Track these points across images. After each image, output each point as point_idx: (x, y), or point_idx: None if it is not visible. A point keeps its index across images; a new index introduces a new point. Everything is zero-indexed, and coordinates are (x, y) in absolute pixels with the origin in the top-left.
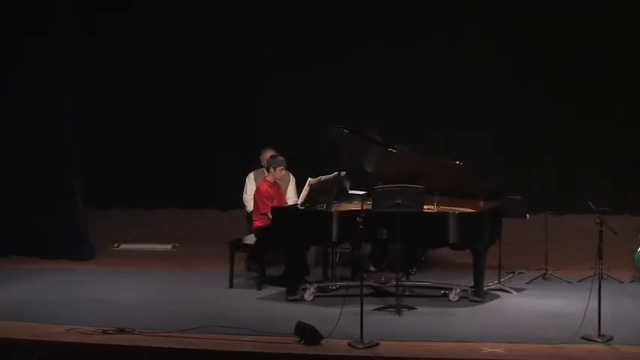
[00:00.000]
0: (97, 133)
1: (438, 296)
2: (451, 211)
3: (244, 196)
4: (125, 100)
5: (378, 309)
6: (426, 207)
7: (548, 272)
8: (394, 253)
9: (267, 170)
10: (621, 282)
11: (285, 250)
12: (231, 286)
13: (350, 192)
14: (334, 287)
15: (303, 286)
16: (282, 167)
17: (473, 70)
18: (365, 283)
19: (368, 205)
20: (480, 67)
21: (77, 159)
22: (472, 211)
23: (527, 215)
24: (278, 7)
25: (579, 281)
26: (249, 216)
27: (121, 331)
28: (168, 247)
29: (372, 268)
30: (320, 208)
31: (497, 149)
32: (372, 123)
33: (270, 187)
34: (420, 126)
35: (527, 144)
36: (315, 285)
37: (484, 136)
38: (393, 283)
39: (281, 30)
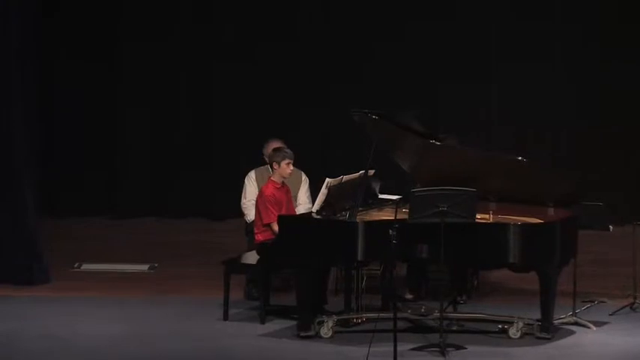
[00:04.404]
0: (58, 131)
1: (495, 332)
2: (512, 222)
3: (243, 201)
4: (93, 92)
5: (416, 348)
6: (478, 216)
7: (638, 301)
8: (437, 275)
9: (271, 167)
10: None
11: (296, 272)
12: (226, 318)
13: (380, 196)
14: (359, 320)
15: (319, 319)
16: (288, 161)
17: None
18: (399, 314)
19: (404, 213)
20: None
21: (30, 160)
22: (539, 221)
23: (611, 227)
24: None
25: None
26: (249, 227)
27: None
28: (145, 267)
29: (408, 296)
30: (341, 218)
31: (571, 144)
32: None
33: (276, 189)
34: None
35: (610, 139)
36: (335, 317)
37: (555, 128)
38: (437, 314)
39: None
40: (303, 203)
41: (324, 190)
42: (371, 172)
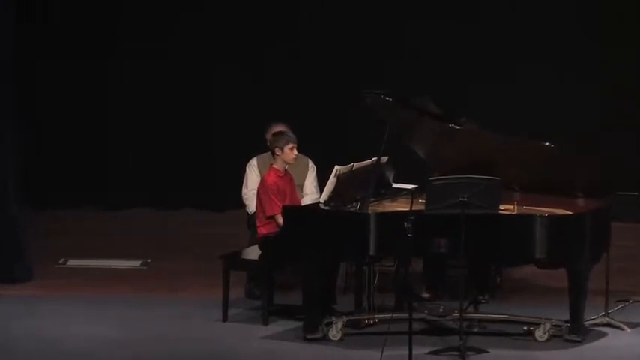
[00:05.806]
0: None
1: (520, 334)
2: (538, 213)
3: (244, 191)
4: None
5: (433, 352)
6: (502, 207)
7: None
8: (457, 272)
9: (273, 154)
10: None
11: (302, 269)
12: (225, 318)
13: (394, 186)
14: (371, 321)
15: (327, 320)
16: (292, 145)
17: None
18: (415, 315)
19: (420, 204)
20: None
21: (11, 145)
22: (568, 213)
23: None
24: None
25: None
26: (251, 220)
27: None
28: (137, 263)
29: (425, 294)
30: (352, 209)
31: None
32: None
33: (279, 178)
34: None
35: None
36: (345, 318)
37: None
38: (456, 315)
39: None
40: (310, 193)
41: (332, 179)
42: (384, 159)
